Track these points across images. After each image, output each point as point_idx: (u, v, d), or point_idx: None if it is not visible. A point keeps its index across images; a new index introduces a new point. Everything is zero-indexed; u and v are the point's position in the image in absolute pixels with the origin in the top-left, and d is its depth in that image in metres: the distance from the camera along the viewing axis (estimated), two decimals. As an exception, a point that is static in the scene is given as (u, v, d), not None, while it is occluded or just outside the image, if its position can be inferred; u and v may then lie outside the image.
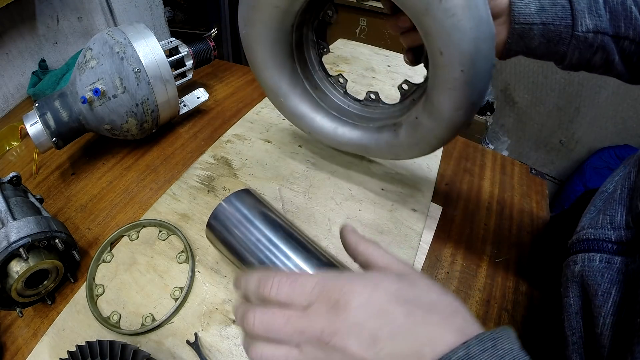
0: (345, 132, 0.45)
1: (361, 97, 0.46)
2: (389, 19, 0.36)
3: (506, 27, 0.30)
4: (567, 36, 0.29)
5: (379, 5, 1.42)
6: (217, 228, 0.36)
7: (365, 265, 0.25)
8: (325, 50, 0.44)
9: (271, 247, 0.34)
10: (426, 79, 0.38)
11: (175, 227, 0.45)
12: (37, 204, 0.43)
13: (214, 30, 0.67)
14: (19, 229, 0.36)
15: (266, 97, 0.67)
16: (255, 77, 0.45)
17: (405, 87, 0.41)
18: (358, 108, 0.46)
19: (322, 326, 0.20)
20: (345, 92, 0.47)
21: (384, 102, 0.45)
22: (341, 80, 0.46)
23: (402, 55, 0.77)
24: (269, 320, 0.21)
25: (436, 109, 0.33)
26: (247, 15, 0.37)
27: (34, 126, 0.46)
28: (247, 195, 0.38)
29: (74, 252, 0.41)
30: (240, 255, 0.35)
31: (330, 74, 0.46)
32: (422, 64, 0.38)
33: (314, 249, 0.34)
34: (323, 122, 0.46)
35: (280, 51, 0.40)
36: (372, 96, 0.44)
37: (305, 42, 0.44)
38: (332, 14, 0.41)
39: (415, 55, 0.39)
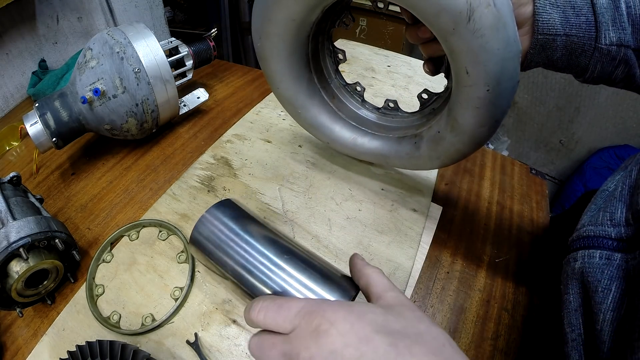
0: (364, 142, 0.45)
1: (379, 104, 0.45)
2: (408, 28, 0.35)
3: (528, 37, 0.30)
4: (589, 49, 0.28)
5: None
6: (200, 241, 0.35)
7: (364, 288, 0.27)
8: (341, 58, 0.43)
9: (257, 256, 0.32)
10: (446, 89, 0.38)
11: (175, 227, 0.45)
12: (37, 204, 0.43)
13: (214, 30, 0.67)
14: (19, 229, 0.36)
15: (266, 97, 0.67)
16: (271, 89, 0.44)
17: (424, 96, 0.40)
18: (376, 117, 0.45)
19: (300, 350, 0.20)
20: (363, 101, 0.46)
21: (402, 111, 0.44)
22: (358, 88, 0.45)
23: (401, 56, 0.77)
24: (260, 345, 0.23)
25: (459, 125, 0.33)
26: (261, 28, 0.36)
27: (34, 126, 0.46)
28: (230, 205, 0.36)
29: (74, 252, 0.41)
30: (226, 267, 0.33)
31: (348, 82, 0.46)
32: (441, 74, 0.38)
33: (303, 253, 0.33)
34: (342, 132, 0.45)
35: (297, 62, 0.40)
36: (391, 104, 0.44)
37: (322, 51, 0.43)
38: (349, 21, 0.40)
39: (435, 65, 0.38)
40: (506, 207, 0.51)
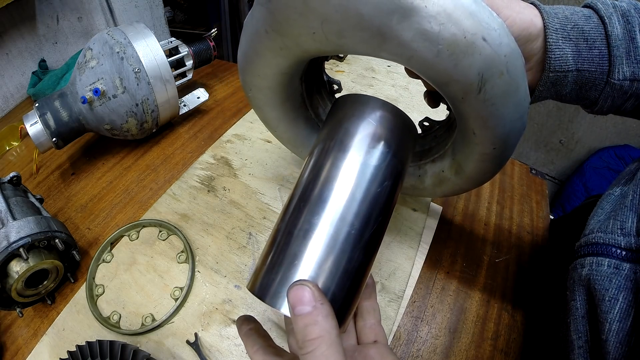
0: None
1: None
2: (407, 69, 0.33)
3: (537, 72, 0.28)
4: (601, 83, 0.27)
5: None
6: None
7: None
8: (337, 88, 0.42)
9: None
10: (449, 118, 0.37)
11: (175, 227, 0.45)
12: (37, 204, 0.43)
13: (214, 30, 0.67)
14: (19, 229, 0.36)
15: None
16: (269, 131, 0.43)
17: (426, 123, 0.39)
18: None
19: None
20: None
21: None
22: None
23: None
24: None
25: (463, 171, 0.33)
26: (250, 81, 0.35)
27: (34, 126, 0.46)
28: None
29: (74, 252, 0.41)
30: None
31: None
32: (443, 104, 0.36)
33: None
34: None
35: (291, 106, 0.38)
36: None
37: (316, 87, 0.41)
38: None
39: (435, 98, 0.37)
40: (506, 207, 0.51)
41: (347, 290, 0.23)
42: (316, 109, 0.41)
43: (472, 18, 0.21)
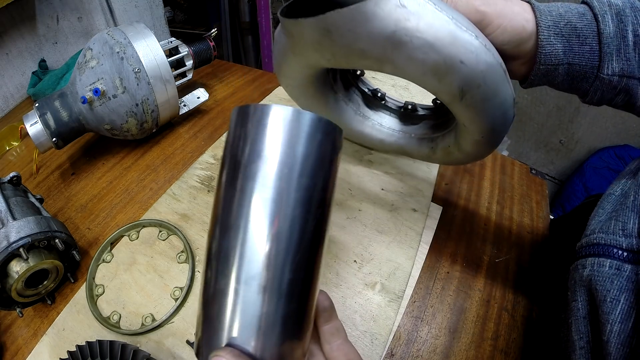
0: (392, 141, 0.49)
1: (400, 105, 0.48)
2: None
3: (530, 65, 0.30)
4: (591, 76, 0.29)
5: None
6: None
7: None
8: (360, 72, 0.47)
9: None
10: None
11: (175, 227, 0.45)
12: (37, 204, 0.43)
13: (214, 30, 0.67)
14: (19, 229, 0.36)
15: (266, 97, 0.67)
16: None
17: (438, 101, 0.44)
18: (399, 119, 0.49)
19: None
20: (386, 105, 0.48)
21: (421, 108, 0.47)
22: (379, 94, 0.47)
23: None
24: None
25: (463, 149, 0.38)
26: (285, 82, 0.42)
27: (34, 126, 0.46)
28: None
29: (74, 252, 0.41)
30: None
31: (369, 88, 0.48)
32: None
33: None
34: (371, 133, 0.49)
35: (324, 94, 0.45)
36: (410, 107, 0.46)
37: (342, 73, 0.47)
38: None
39: None
40: (506, 207, 0.51)
41: (284, 339, 0.21)
42: (344, 92, 0.48)
43: (451, 46, 0.25)
